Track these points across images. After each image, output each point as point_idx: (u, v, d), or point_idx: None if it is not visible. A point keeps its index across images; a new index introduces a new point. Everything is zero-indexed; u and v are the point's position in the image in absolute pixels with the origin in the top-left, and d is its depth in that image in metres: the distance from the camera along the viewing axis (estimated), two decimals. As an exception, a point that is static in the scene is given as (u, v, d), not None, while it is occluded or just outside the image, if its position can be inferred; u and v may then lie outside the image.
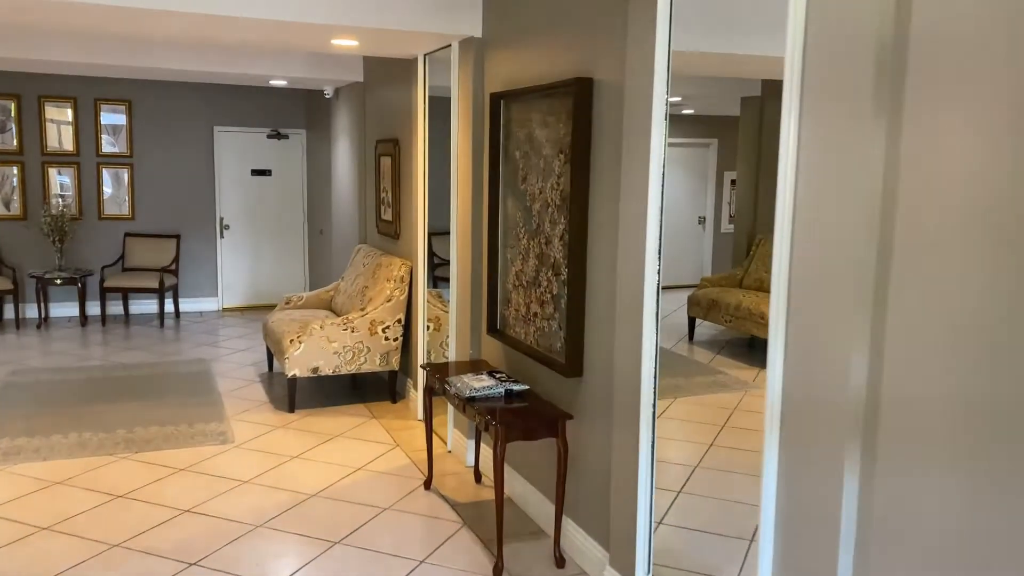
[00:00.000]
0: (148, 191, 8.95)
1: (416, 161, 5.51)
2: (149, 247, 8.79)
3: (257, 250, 9.53)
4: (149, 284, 8.30)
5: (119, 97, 8.72)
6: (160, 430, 5.17)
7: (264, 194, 9.48)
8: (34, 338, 7.73)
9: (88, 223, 8.75)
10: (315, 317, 6.22)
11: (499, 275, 4.30)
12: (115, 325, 8.46)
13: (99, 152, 8.71)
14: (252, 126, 9.30)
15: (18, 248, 8.52)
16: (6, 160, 8.39)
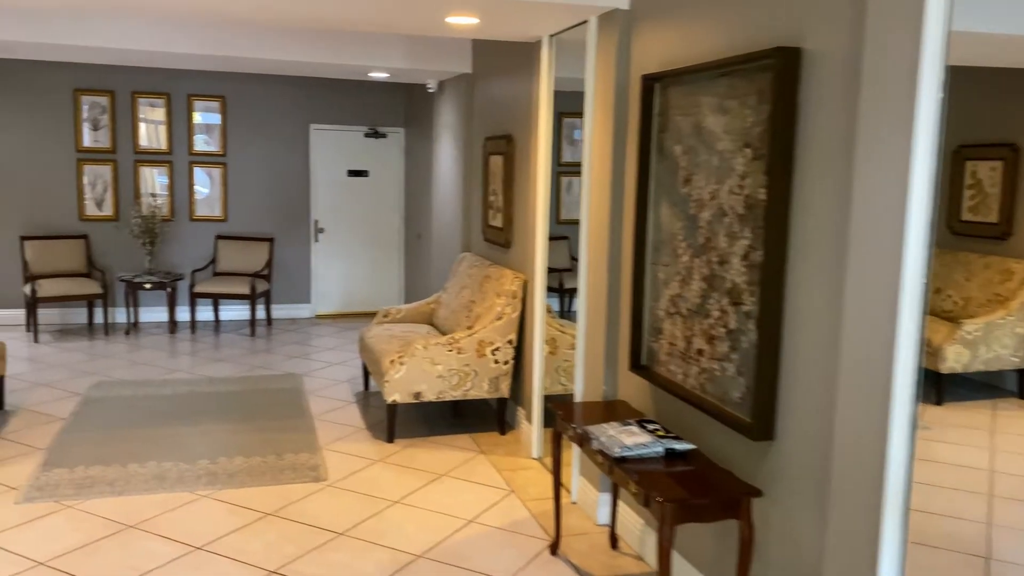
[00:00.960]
0: (241, 192, 8.53)
1: (534, 160, 4.79)
2: (241, 250, 8.36)
3: (351, 255, 9.01)
4: (240, 290, 7.86)
5: (213, 93, 8.32)
6: (246, 462, 4.60)
7: (360, 196, 8.96)
8: (121, 346, 7.38)
9: (179, 224, 8.39)
10: (416, 334, 5.57)
11: (646, 299, 3.52)
12: (205, 332, 8.06)
13: (192, 150, 8.34)
14: (349, 124, 8.78)
15: (109, 250, 8.22)
16: (99, 159, 8.10)
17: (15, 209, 7.93)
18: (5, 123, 7.80)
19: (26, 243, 7.73)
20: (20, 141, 7.86)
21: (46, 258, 7.78)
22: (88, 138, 8.04)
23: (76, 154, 8.03)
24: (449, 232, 6.96)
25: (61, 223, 8.06)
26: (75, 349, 7.18)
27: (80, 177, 8.04)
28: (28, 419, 5.24)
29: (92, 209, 8.13)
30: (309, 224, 8.79)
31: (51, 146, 7.95)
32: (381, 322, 6.11)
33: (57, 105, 7.91)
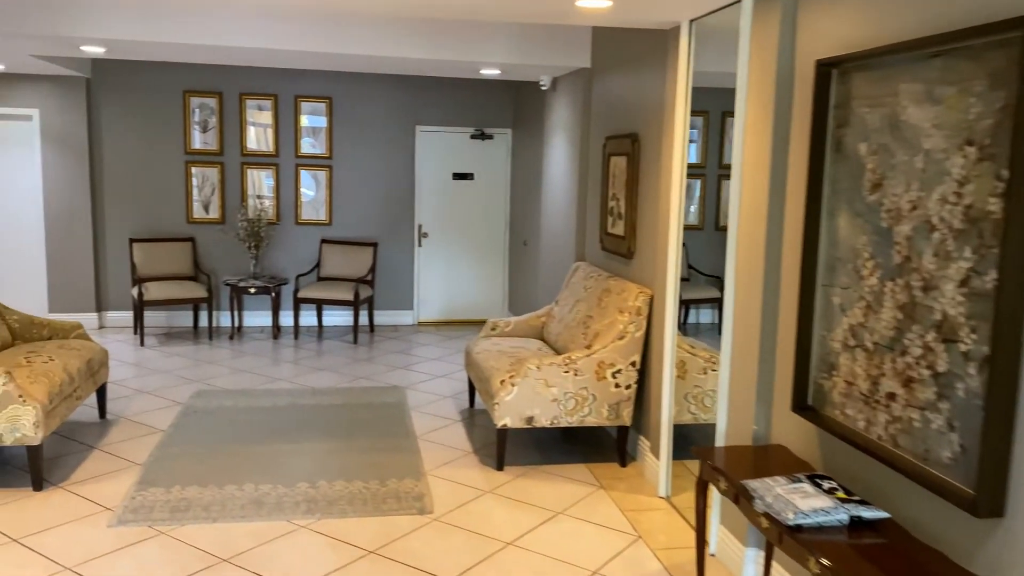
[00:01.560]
0: (346, 195, 8.32)
1: (666, 162, 4.27)
2: (345, 255, 8.14)
3: (455, 261, 8.67)
4: (344, 296, 7.63)
5: (319, 94, 8.14)
6: (347, 487, 4.26)
7: (465, 200, 8.61)
8: (225, 351, 7.25)
9: (285, 228, 8.25)
10: (527, 350, 5.13)
11: (815, 326, 2.96)
12: (307, 338, 7.87)
13: (298, 153, 8.18)
14: (455, 125, 8.45)
15: (215, 253, 8.15)
16: (207, 161, 8.03)
17: (125, 211, 7.95)
18: (118, 124, 7.83)
19: (135, 245, 7.73)
20: (132, 142, 7.88)
21: (153, 261, 7.76)
22: (197, 140, 7.98)
23: (185, 156, 7.99)
24: (560, 239, 6.50)
25: (169, 225, 8.03)
26: (179, 354, 7.09)
27: (188, 179, 8.00)
28: (128, 430, 5.08)
29: (199, 212, 8.07)
30: (413, 228, 8.51)
31: (161, 148, 7.93)
32: (488, 336, 5.71)
33: (167, 107, 7.89)
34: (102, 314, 8.04)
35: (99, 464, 4.50)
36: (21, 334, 5.07)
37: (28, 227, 7.81)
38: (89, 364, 4.83)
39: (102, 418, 5.26)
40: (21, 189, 7.75)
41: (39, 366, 4.39)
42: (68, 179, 7.74)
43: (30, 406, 4.01)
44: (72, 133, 7.68)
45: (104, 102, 7.77)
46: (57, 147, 7.68)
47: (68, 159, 7.71)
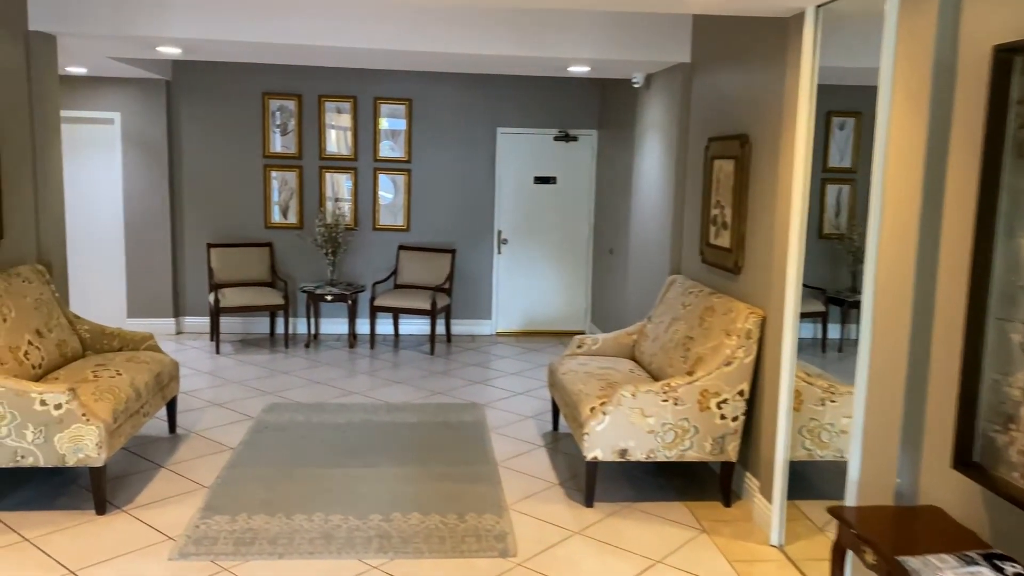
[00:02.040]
0: (424, 200, 8.03)
1: (785, 166, 3.78)
2: (423, 262, 7.85)
3: (535, 269, 8.28)
4: (420, 305, 7.32)
5: (399, 96, 7.87)
6: (423, 521, 3.91)
7: (546, 205, 8.22)
8: (300, 359, 7.03)
9: (362, 234, 8.01)
10: (617, 372, 4.70)
11: (985, 369, 2.44)
12: (384, 347, 7.60)
13: (376, 156, 7.93)
14: (537, 127, 8.07)
15: (292, 259, 7.97)
16: (286, 165, 7.86)
17: (204, 215, 7.84)
18: (197, 127, 7.72)
19: (212, 250, 7.60)
20: (211, 146, 7.76)
21: (231, 266, 7.62)
22: (276, 143, 7.82)
23: (263, 160, 7.83)
24: (652, 250, 6.04)
25: (247, 231, 7.89)
26: (254, 362, 6.91)
27: (267, 183, 7.84)
28: (197, 447, 4.86)
29: (277, 217, 7.91)
30: (492, 235, 8.16)
31: (240, 151, 7.80)
32: (574, 354, 5.29)
33: (246, 110, 7.74)
34: (179, 320, 7.96)
35: (165, 485, 4.27)
36: (92, 344, 4.91)
37: (109, 231, 7.78)
38: (158, 378, 4.63)
39: (172, 433, 5.07)
40: (102, 193, 7.72)
41: (105, 381, 4.19)
42: (148, 183, 7.67)
43: (93, 425, 3.80)
44: (152, 136, 7.61)
45: (184, 105, 7.68)
46: (137, 150, 7.62)
47: (148, 162, 7.64)
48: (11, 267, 4.65)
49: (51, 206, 5.16)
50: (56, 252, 5.22)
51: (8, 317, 4.20)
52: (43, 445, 3.77)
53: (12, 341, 4.14)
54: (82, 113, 7.53)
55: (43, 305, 4.60)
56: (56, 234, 5.23)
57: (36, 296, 4.57)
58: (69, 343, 4.68)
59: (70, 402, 3.77)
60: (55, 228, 5.21)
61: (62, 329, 4.67)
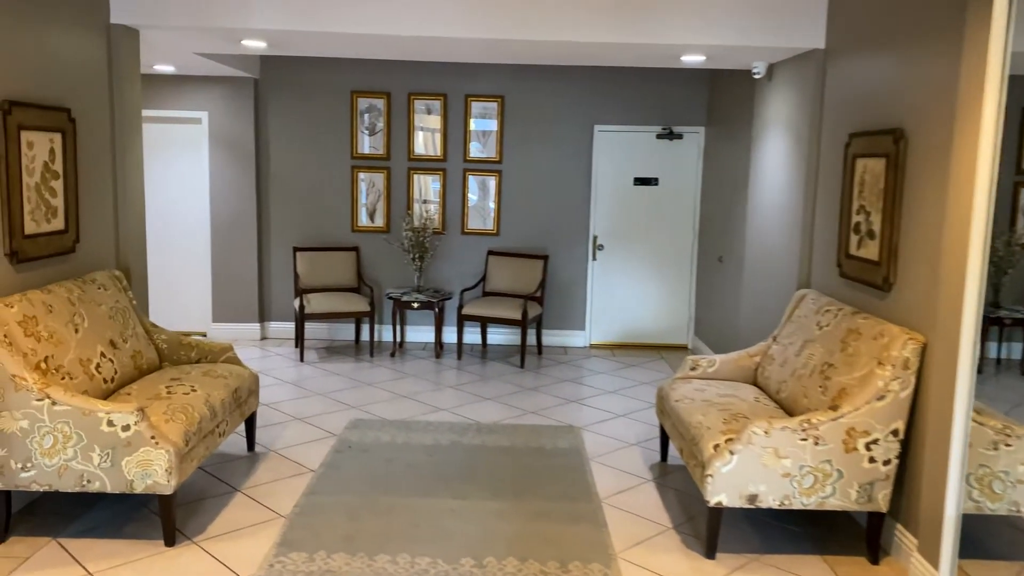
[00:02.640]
0: (515, 203, 7.58)
1: (962, 166, 3.14)
2: (513, 268, 7.40)
3: (633, 277, 7.72)
4: (510, 314, 6.87)
5: (491, 93, 7.44)
6: (520, 569, 3.43)
7: (647, 208, 7.64)
8: (385, 370, 6.67)
9: (450, 238, 7.61)
10: (742, 401, 4.12)
11: None
12: (471, 358, 7.18)
13: (467, 157, 7.52)
14: (638, 124, 7.51)
15: (378, 264, 7.64)
16: (374, 166, 7.54)
17: (290, 218, 7.59)
18: (284, 127, 7.48)
19: (298, 255, 7.34)
20: (298, 146, 7.51)
21: (317, 271, 7.34)
22: (364, 143, 7.50)
23: (351, 161, 7.53)
24: (774, 259, 5.41)
25: (333, 234, 7.60)
26: (338, 372, 6.58)
27: (355, 185, 7.53)
28: (275, 468, 4.52)
29: (364, 220, 7.59)
30: (587, 240, 7.64)
31: (327, 152, 7.51)
32: (688, 377, 4.73)
33: (335, 108, 7.45)
34: (265, 325, 7.73)
35: (239, 513, 3.93)
36: (169, 355, 4.63)
37: (195, 233, 7.61)
38: (236, 394, 4.30)
39: (250, 451, 4.75)
40: (189, 195, 7.56)
41: (179, 399, 3.87)
42: (234, 184, 7.47)
43: (163, 450, 3.47)
44: (239, 136, 7.40)
45: (272, 104, 7.45)
46: (224, 151, 7.42)
47: (235, 163, 7.44)
48: (86, 273, 4.41)
49: (131, 209, 4.91)
50: (135, 257, 4.98)
51: (80, 327, 3.93)
52: (110, 469, 3.47)
53: (83, 353, 3.87)
54: (169, 112, 7.38)
55: (119, 314, 4.33)
56: (136, 238, 4.98)
57: (112, 304, 4.31)
58: (145, 354, 4.41)
59: (138, 423, 3.46)
60: (135, 232, 4.97)
61: (138, 339, 4.40)
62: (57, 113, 4.13)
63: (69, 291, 4.01)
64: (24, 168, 3.86)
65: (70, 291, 4.02)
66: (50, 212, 4.11)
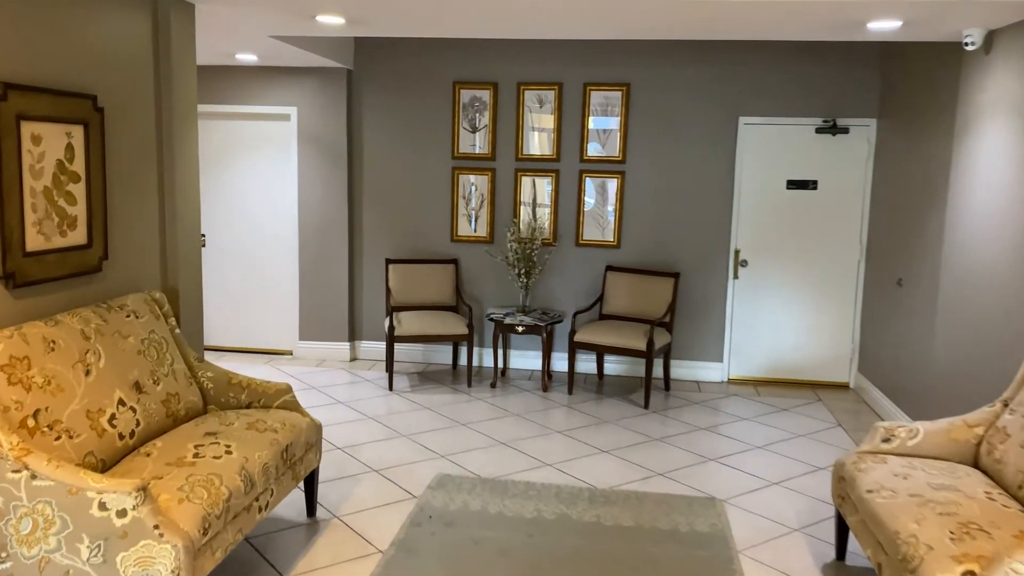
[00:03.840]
0: (640, 209, 6.45)
1: None
2: (637, 288, 6.27)
3: (783, 300, 6.43)
4: (633, 344, 5.75)
5: (613, 80, 6.35)
6: None
7: (802, 217, 6.34)
8: (484, 405, 5.69)
9: (562, 251, 6.57)
10: (968, 498, 2.88)
11: None
12: (584, 392, 6.10)
13: (584, 156, 6.45)
14: (793, 115, 6.22)
15: (479, 279, 6.68)
16: (477, 167, 6.59)
17: (384, 225, 6.75)
18: (379, 123, 6.64)
19: (391, 267, 6.48)
20: (394, 144, 6.65)
21: (411, 286, 6.45)
22: (466, 141, 6.56)
23: (452, 161, 6.61)
24: (991, 287, 4.07)
25: (430, 245, 6.71)
26: (430, 404, 5.66)
27: (455, 189, 6.61)
28: (336, 545, 3.60)
29: (464, 228, 6.66)
30: (727, 255, 6.41)
31: (426, 151, 6.63)
32: (879, 451, 3.48)
33: (435, 102, 6.55)
34: (355, 345, 6.93)
35: (278, 618, 3.02)
36: (215, 397, 3.80)
37: (281, 242, 6.89)
38: (287, 454, 3.41)
39: (310, 516, 3.86)
40: (277, 198, 6.85)
41: (206, 465, 3.00)
42: (324, 187, 6.69)
43: (169, 544, 2.59)
44: (331, 134, 6.62)
45: (366, 97, 6.62)
46: (314, 150, 6.66)
47: (325, 164, 6.66)
48: (117, 296, 3.63)
49: (184, 217, 4.13)
50: (188, 275, 4.19)
51: (93, 368, 3.13)
52: (101, 566, 2.61)
53: (94, 402, 3.06)
54: (255, 108, 6.68)
55: (152, 347, 3.52)
56: (189, 253, 4.20)
57: (144, 336, 3.51)
58: (183, 398, 3.58)
59: (138, 508, 2.59)
60: (187, 245, 4.18)
61: (175, 379, 3.58)
62: (78, 100, 3.35)
63: (85, 321, 3.22)
64: (27, 168, 3.09)
65: (86, 321, 3.22)
66: (67, 223, 3.33)
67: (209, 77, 6.68)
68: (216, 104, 6.70)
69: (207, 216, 6.93)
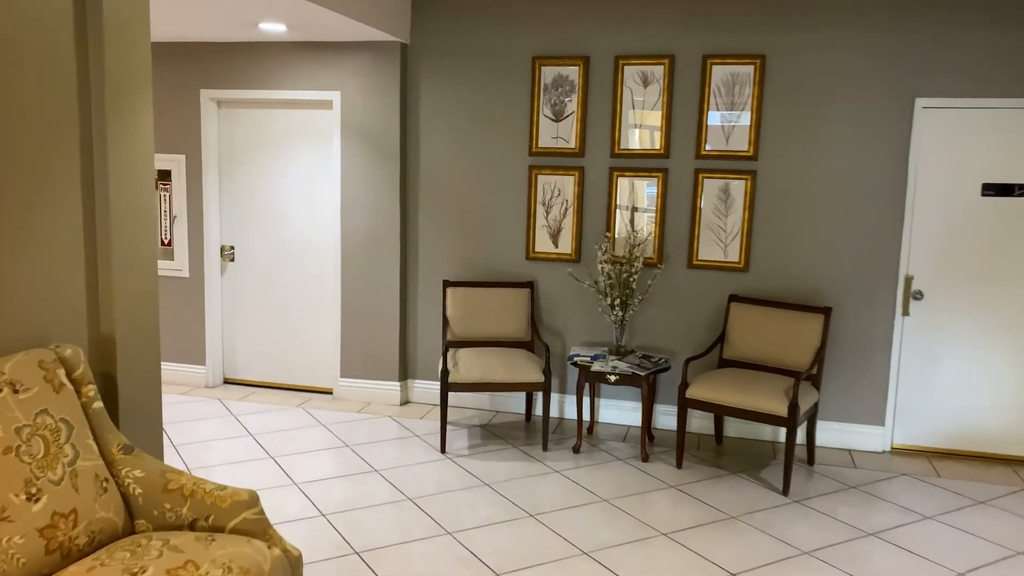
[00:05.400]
0: (775, 221, 4.89)
1: None
2: (771, 326, 4.71)
3: (972, 345, 4.73)
4: (770, 407, 4.21)
5: (743, 51, 4.82)
6: None
7: (1004, 234, 4.64)
8: (561, 481, 4.26)
9: (671, 274, 5.07)
10: None
11: None
12: (698, 467, 4.60)
13: (701, 151, 4.94)
14: (992, 94, 4.54)
15: (561, 307, 5.26)
16: (561, 166, 5.17)
17: (443, 237, 5.42)
18: (439, 110, 5.32)
19: (449, 291, 5.14)
20: (457, 137, 5.31)
21: (474, 315, 5.09)
22: (547, 132, 5.16)
23: (528, 158, 5.22)
24: None
25: (499, 263, 5.33)
26: (491, 479, 4.28)
27: (532, 193, 5.21)
28: None
29: (543, 243, 5.25)
30: (895, 284, 4.77)
31: (497, 145, 5.26)
32: None
33: (509, 84, 5.18)
34: (407, 385, 5.62)
35: None
36: (145, 508, 2.52)
37: (322, 255, 5.66)
38: (222, 628, 2.08)
39: None
40: (316, 204, 5.62)
41: None
42: (372, 189, 5.41)
43: None
44: (381, 124, 5.33)
45: (424, 78, 5.31)
46: (361, 144, 5.39)
47: (374, 161, 5.38)
48: (-8, 358, 2.39)
49: (127, 235, 2.87)
50: (134, 317, 2.93)
51: None
52: None
53: None
54: (287, 94, 5.46)
55: (39, 437, 2.27)
56: (137, 283, 2.94)
57: (24, 421, 2.26)
58: (86, 515, 2.31)
59: None
60: (134, 272, 2.92)
61: (75, 486, 2.31)
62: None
63: (-97, 408, 1.97)
64: None
65: (-95, 408, 1.98)
66: None
67: (230, 56, 5.50)
68: (240, 89, 5.52)
69: (232, 225, 5.77)
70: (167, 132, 5.69)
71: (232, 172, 5.72)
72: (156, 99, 5.67)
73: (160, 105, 5.67)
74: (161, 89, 5.66)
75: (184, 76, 5.60)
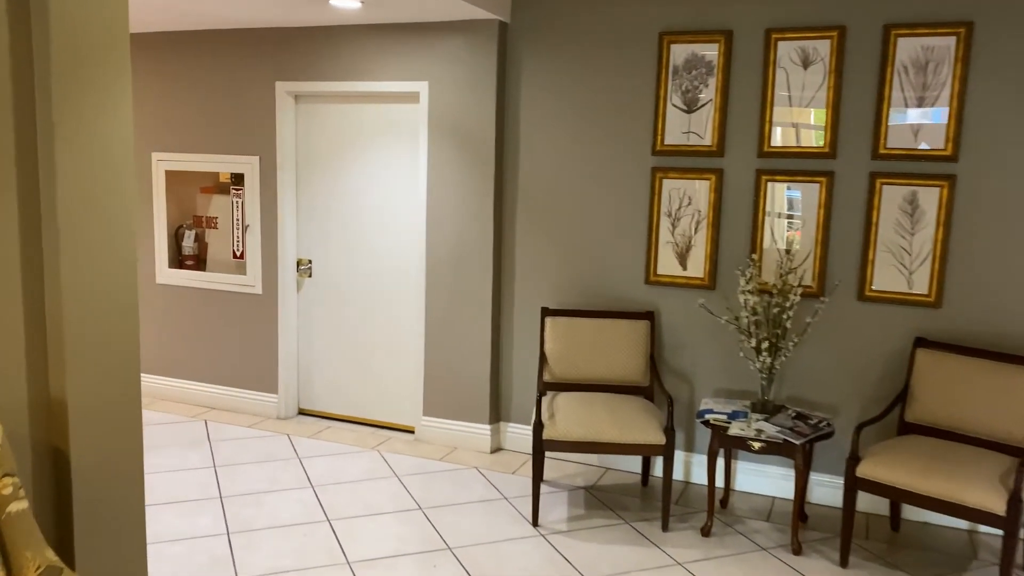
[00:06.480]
0: (980, 241, 3.68)
1: None
2: (976, 382, 3.51)
3: None
4: (973, 499, 3.05)
5: (940, 18, 3.64)
6: None
7: None
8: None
9: (836, 308, 3.94)
10: None
11: None
12: (867, 564, 3.47)
13: (880, 149, 3.79)
14: None
15: (688, 344, 4.21)
16: (692, 168, 4.14)
17: (545, 255, 4.49)
18: (543, 103, 4.40)
19: (548, 321, 4.20)
20: (564, 134, 4.38)
21: (577, 351, 4.14)
22: (676, 126, 4.14)
23: (652, 159, 4.22)
24: None
25: (612, 288, 4.35)
26: (591, 568, 3.31)
27: (655, 202, 4.20)
28: None
29: (668, 265, 4.23)
30: None
31: (612, 144, 4.29)
32: None
33: (629, 67, 4.20)
34: (500, 428, 4.74)
35: None
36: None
37: (404, 273, 4.86)
38: None
39: None
40: (399, 214, 4.82)
41: None
42: (463, 198, 4.56)
43: None
44: (473, 119, 4.47)
45: (526, 64, 4.41)
46: (450, 144, 4.54)
47: (465, 164, 4.52)
48: None
49: (90, 261, 2.10)
50: (99, 372, 2.15)
51: None
52: None
53: None
54: (367, 85, 4.68)
55: None
56: (105, 328, 2.16)
57: None
58: None
59: None
60: (101, 314, 2.15)
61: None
62: None
63: None
64: None
65: None
66: None
67: (305, 44, 4.78)
68: (317, 81, 4.79)
69: (310, 237, 5.06)
70: (239, 131, 5.05)
71: (309, 175, 5.02)
72: (225, 93, 5.04)
73: (231, 100, 5.04)
74: (231, 82, 5.02)
75: (257, 67, 4.94)
